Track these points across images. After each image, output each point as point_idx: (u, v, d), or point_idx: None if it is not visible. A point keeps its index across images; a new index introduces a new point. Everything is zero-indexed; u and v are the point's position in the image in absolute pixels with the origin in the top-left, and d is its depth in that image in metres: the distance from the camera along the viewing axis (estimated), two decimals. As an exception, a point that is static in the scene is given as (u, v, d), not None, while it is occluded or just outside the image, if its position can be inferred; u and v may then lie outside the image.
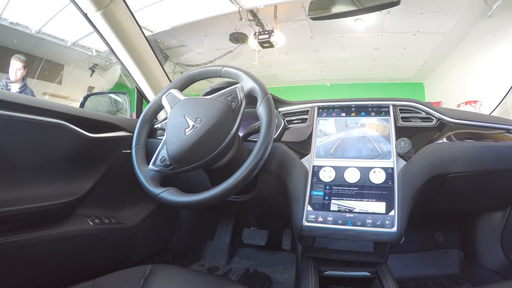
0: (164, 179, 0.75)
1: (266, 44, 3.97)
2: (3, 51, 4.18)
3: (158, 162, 0.73)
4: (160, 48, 4.99)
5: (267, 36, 3.88)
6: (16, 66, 2.80)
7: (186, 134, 0.71)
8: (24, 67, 2.87)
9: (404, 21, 3.67)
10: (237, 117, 0.72)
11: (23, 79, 2.88)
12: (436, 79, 5.70)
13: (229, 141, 0.71)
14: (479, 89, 3.90)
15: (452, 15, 3.44)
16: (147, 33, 4.02)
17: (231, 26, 4.23)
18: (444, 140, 0.85)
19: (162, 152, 0.73)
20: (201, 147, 0.70)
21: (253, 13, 3.80)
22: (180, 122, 0.73)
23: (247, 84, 0.75)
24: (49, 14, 3.74)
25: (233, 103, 0.73)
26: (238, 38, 4.41)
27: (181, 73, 4.02)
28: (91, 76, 5.33)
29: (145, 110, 0.86)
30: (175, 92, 0.80)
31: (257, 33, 3.91)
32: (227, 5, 3.39)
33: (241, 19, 3.73)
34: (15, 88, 2.79)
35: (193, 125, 0.71)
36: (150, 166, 0.74)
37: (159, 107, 0.86)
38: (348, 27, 4.02)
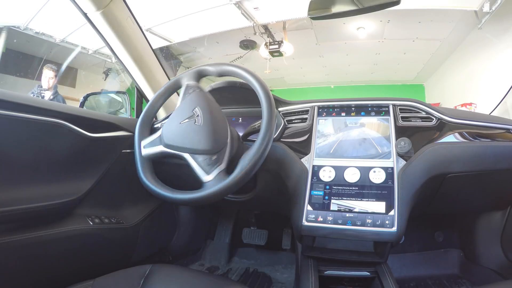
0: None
1: (276, 53, 4.44)
2: (19, 55, 4.37)
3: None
4: (173, 54, 5.18)
5: (277, 46, 4.33)
6: (48, 75, 2.95)
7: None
8: (56, 75, 3.03)
9: (403, 29, 3.96)
10: None
11: (54, 86, 3.02)
12: (436, 81, 5.84)
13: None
14: (475, 92, 4.06)
15: (448, 23, 3.67)
16: (166, 44, 4.51)
17: (241, 34, 4.49)
18: (444, 140, 0.85)
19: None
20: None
21: (265, 26, 4.19)
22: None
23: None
24: (75, 26, 3.93)
25: None
26: (248, 45, 4.75)
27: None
28: (105, 80, 5.45)
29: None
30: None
31: (268, 44, 4.32)
32: (243, 21, 3.83)
33: (255, 33, 4.23)
34: (48, 95, 2.92)
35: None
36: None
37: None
38: (351, 35, 4.29)
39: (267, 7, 3.50)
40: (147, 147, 0.77)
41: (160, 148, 0.75)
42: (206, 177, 0.69)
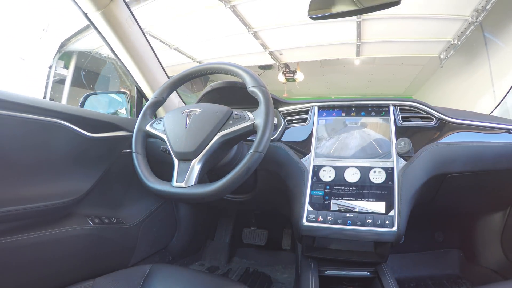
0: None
1: (290, 79, 5.91)
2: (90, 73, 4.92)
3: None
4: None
5: (292, 74, 5.81)
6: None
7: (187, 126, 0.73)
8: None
9: (390, 57, 5.14)
10: None
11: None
12: (423, 95, 6.72)
13: None
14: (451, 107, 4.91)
15: (427, 55, 4.75)
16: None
17: (260, 58, 5.63)
18: (444, 140, 0.85)
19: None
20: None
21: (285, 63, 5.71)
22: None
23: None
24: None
25: None
26: (265, 66, 5.79)
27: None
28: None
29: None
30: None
31: (285, 72, 5.76)
32: (271, 60, 5.34)
33: (278, 69, 5.71)
34: None
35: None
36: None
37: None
38: (348, 60, 5.39)
39: (289, 53, 5.00)
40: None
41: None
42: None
